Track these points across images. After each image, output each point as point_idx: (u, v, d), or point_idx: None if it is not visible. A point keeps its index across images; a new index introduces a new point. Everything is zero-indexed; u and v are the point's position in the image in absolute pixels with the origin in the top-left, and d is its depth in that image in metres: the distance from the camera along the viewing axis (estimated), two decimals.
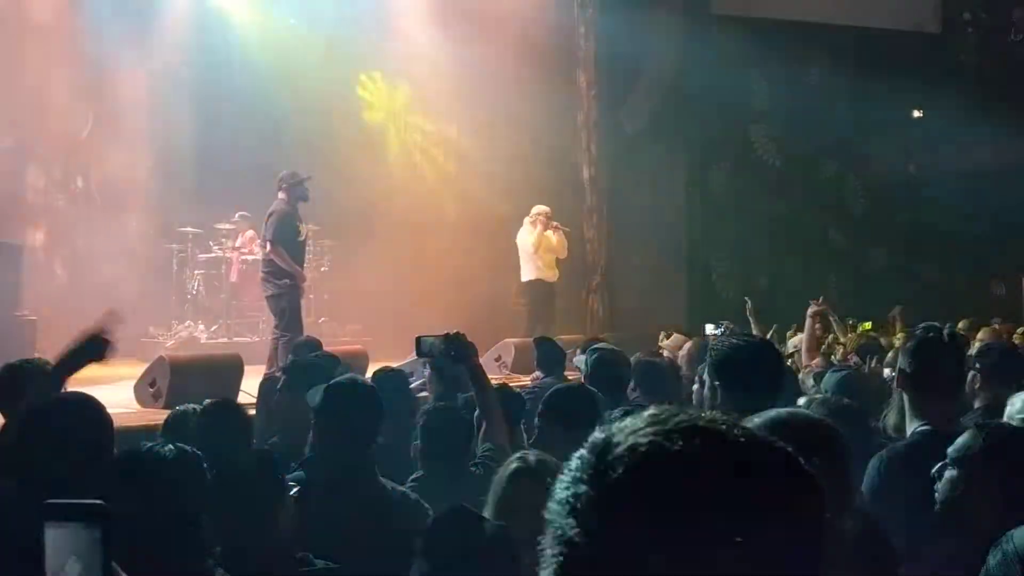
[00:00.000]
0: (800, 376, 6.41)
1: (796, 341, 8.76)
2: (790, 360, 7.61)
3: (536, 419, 3.73)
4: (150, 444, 2.52)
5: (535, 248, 11.19)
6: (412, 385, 8.23)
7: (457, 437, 3.61)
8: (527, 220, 11.42)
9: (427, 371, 5.48)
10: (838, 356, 8.25)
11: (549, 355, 6.09)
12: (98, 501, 1.19)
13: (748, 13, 15.67)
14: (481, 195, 14.29)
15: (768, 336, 9.74)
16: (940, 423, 3.00)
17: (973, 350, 6.59)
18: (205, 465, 2.47)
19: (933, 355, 3.16)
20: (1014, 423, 3.04)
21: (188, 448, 2.48)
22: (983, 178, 15.84)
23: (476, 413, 3.76)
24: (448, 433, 3.60)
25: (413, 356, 5.45)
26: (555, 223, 11.52)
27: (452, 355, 3.78)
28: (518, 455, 2.71)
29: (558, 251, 11.51)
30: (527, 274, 11.33)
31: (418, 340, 3.82)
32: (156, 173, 13.23)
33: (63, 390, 3.87)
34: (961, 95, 16.02)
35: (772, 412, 1.93)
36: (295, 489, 2.74)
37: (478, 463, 3.57)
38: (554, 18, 14.23)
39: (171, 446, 2.43)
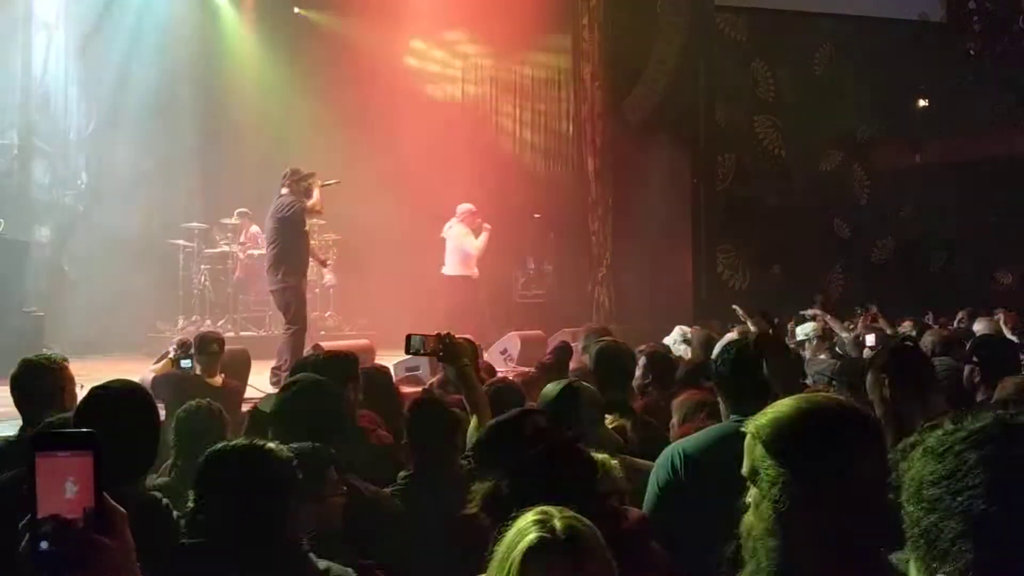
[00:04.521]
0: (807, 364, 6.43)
1: (807, 329, 8.78)
2: (800, 348, 7.64)
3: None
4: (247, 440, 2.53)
5: (481, 252, 11.22)
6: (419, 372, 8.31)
7: (441, 428, 3.61)
8: (460, 220, 11.29)
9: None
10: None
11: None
12: (89, 429, 1.25)
13: (752, 3, 15.63)
14: (486, 188, 14.28)
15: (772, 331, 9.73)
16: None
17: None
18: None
19: (745, 362, 3.28)
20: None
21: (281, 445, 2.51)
22: (989, 167, 15.81)
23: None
24: (432, 424, 3.61)
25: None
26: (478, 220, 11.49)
27: (440, 355, 3.80)
28: (537, 517, 1.80)
29: (482, 249, 11.54)
30: (460, 269, 11.25)
31: (408, 337, 3.84)
32: (161, 169, 13.25)
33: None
34: (967, 84, 15.97)
35: (803, 396, 1.97)
36: None
37: (469, 456, 3.60)
38: (559, 10, 14.22)
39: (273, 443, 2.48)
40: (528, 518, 1.82)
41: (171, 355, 6.51)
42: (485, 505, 2.24)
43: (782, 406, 1.89)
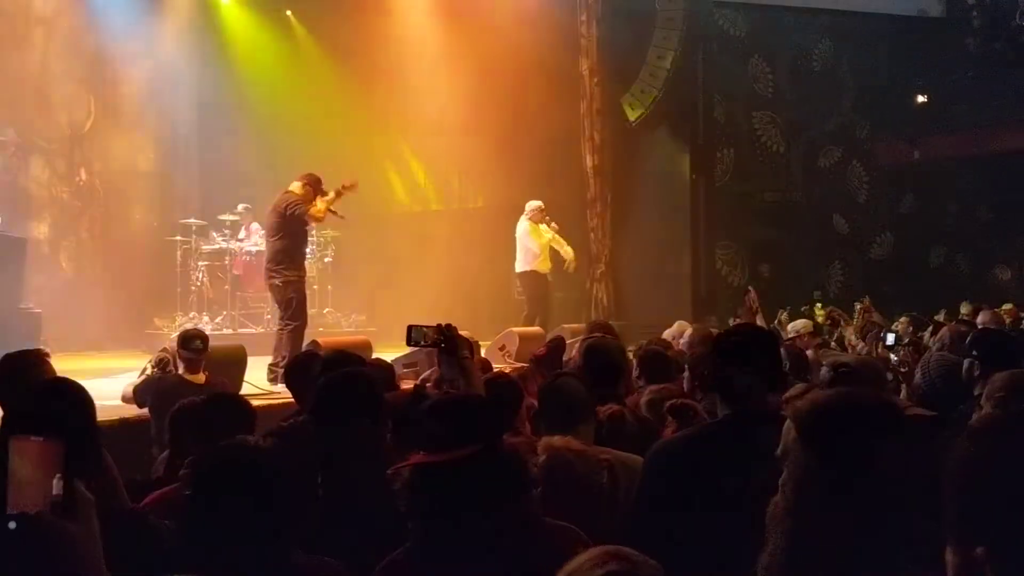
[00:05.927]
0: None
1: (799, 326, 8.80)
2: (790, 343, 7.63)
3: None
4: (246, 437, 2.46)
5: (543, 249, 11.44)
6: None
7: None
8: (527, 217, 11.48)
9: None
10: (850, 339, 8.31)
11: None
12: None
13: None
14: (484, 184, 14.28)
15: (774, 324, 9.76)
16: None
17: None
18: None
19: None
20: None
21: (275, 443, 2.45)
22: (988, 163, 15.79)
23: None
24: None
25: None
26: (546, 217, 11.69)
27: (442, 346, 3.79)
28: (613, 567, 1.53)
29: (556, 243, 11.70)
30: (525, 265, 11.46)
31: (409, 329, 3.83)
32: (159, 165, 13.25)
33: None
34: (966, 80, 15.95)
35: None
36: None
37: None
38: (556, 5, 14.17)
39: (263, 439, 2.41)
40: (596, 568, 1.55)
41: (148, 371, 6.55)
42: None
43: (822, 394, 1.98)
